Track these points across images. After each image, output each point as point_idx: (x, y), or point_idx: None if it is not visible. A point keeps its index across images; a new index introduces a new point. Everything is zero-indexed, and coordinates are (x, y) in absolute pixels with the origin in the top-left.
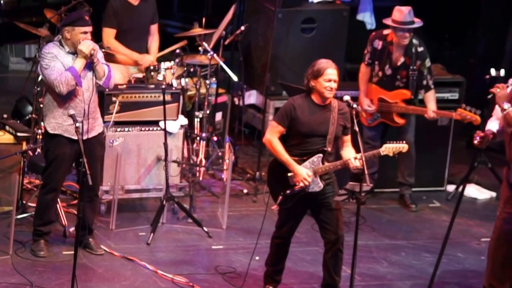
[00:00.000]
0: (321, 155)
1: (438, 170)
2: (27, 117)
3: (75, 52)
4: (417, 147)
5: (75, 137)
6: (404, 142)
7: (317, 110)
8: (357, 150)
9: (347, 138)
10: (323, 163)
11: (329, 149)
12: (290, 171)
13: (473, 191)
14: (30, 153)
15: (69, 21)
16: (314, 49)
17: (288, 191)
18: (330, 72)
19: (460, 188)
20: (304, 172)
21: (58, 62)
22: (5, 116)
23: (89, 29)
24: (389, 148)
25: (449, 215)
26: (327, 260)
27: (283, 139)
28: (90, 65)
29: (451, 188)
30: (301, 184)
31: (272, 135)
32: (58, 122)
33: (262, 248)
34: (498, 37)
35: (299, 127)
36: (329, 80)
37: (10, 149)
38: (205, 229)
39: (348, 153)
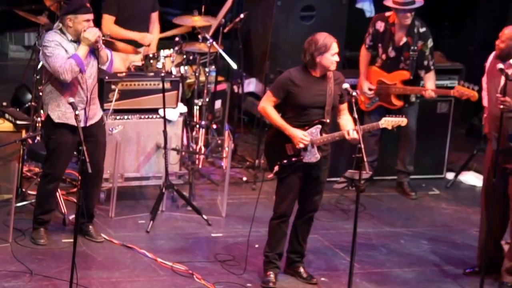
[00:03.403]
0: (319, 126)
1: (438, 157)
2: (27, 105)
3: (77, 40)
4: (416, 135)
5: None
6: (403, 116)
7: (314, 82)
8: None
9: (344, 106)
10: (321, 134)
11: (327, 120)
12: (286, 139)
13: (472, 178)
14: (30, 141)
15: (71, 10)
16: None
17: (285, 161)
18: (335, 46)
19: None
20: (300, 133)
21: (62, 50)
22: (4, 104)
23: (91, 16)
24: (388, 121)
25: (449, 202)
26: (298, 226)
27: (281, 111)
28: (93, 52)
29: (450, 175)
30: (301, 145)
31: (266, 103)
32: (61, 111)
33: (261, 236)
34: (497, 24)
35: (296, 99)
36: (335, 54)
37: (9, 137)
38: (205, 217)
39: (346, 121)
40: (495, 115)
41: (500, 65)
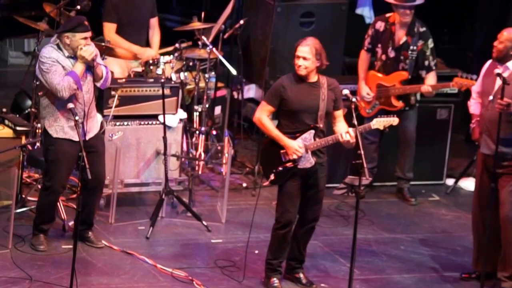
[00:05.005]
0: (313, 131)
1: (437, 163)
2: (26, 111)
3: (74, 57)
4: (416, 141)
5: (76, 139)
6: (395, 116)
7: (306, 87)
8: (357, 145)
9: (339, 113)
10: (314, 139)
11: (321, 125)
12: (282, 146)
13: (472, 184)
14: (30, 147)
15: (69, 28)
16: None
17: (280, 168)
18: (299, 49)
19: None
20: (295, 144)
21: (59, 66)
22: (4, 110)
23: (89, 34)
24: (380, 122)
25: (448, 208)
26: (299, 236)
27: (275, 119)
28: (89, 68)
29: (450, 181)
30: (294, 156)
31: (262, 113)
32: (59, 125)
33: (260, 242)
34: (496, 30)
35: (289, 104)
36: (298, 57)
37: (9, 143)
38: (204, 223)
39: (341, 128)
40: (487, 118)
41: (498, 70)
